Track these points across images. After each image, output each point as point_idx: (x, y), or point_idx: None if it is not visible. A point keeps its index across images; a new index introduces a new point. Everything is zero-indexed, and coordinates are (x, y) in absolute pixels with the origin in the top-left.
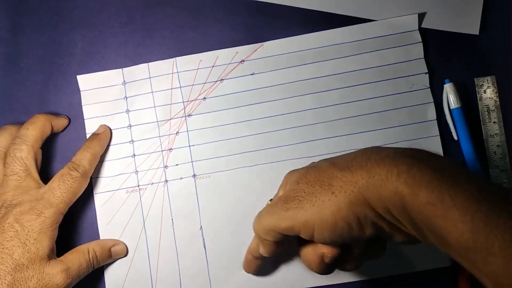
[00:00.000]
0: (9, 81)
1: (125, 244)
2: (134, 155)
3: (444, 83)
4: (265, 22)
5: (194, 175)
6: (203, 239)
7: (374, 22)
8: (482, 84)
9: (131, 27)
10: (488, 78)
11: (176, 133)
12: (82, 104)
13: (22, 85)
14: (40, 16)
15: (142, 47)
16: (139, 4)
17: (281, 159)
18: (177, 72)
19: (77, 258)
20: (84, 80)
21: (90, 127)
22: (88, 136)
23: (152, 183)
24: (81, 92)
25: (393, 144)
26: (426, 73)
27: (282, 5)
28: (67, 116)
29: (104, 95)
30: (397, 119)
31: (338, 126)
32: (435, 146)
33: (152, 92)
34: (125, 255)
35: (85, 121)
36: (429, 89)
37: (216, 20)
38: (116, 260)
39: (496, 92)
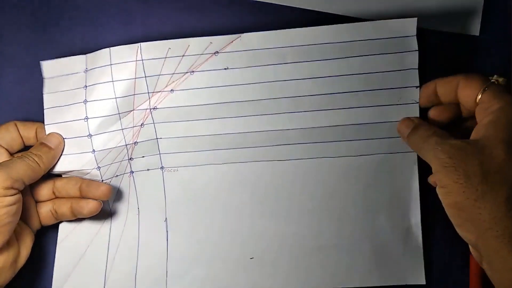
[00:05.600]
0: (9, 81)
1: (57, 134)
2: (93, 150)
3: None
4: (265, 23)
5: (162, 167)
6: (167, 231)
7: (367, 22)
8: None
9: (131, 26)
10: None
11: (141, 125)
12: (44, 92)
13: (21, 85)
14: (39, 15)
15: None
16: (139, 4)
17: (252, 160)
18: (142, 60)
19: (13, 161)
20: (49, 67)
21: (49, 118)
22: (46, 128)
23: (117, 175)
24: (44, 80)
25: (370, 156)
26: (417, 87)
27: (284, 5)
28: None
29: (66, 84)
30: (377, 133)
31: (314, 133)
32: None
33: (112, 81)
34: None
35: (44, 111)
36: (417, 104)
37: (216, 20)
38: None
39: None
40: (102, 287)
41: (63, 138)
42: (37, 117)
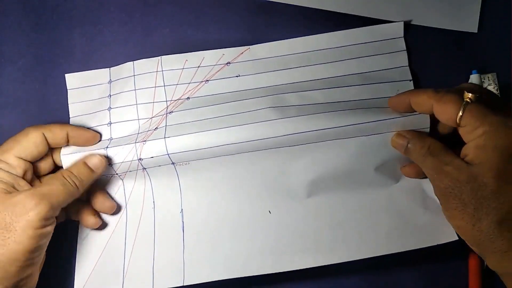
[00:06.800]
0: (8, 80)
1: (100, 155)
2: (107, 147)
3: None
4: (264, 21)
5: (173, 163)
6: (183, 222)
7: (360, 28)
8: (483, 82)
9: (130, 25)
10: (489, 75)
11: (155, 128)
12: (69, 102)
13: (20, 84)
14: (39, 15)
15: (141, 45)
16: (139, 2)
17: (263, 148)
18: (162, 70)
19: (55, 186)
20: (72, 79)
21: None
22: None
23: (130, 171)
24: (68, 91)
25: (378, 135)
26: (410, 80)
27: (282, 3)
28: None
29: (90, 94)
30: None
31: (321, 120)
32: None
33: (135, 89)
34: (107, 165)
35: (70, 119)
36: None
37: (216, 18)
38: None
39: (497, 90)
40: (121, 281)
41: (106, 161)
42: (37, 117)
